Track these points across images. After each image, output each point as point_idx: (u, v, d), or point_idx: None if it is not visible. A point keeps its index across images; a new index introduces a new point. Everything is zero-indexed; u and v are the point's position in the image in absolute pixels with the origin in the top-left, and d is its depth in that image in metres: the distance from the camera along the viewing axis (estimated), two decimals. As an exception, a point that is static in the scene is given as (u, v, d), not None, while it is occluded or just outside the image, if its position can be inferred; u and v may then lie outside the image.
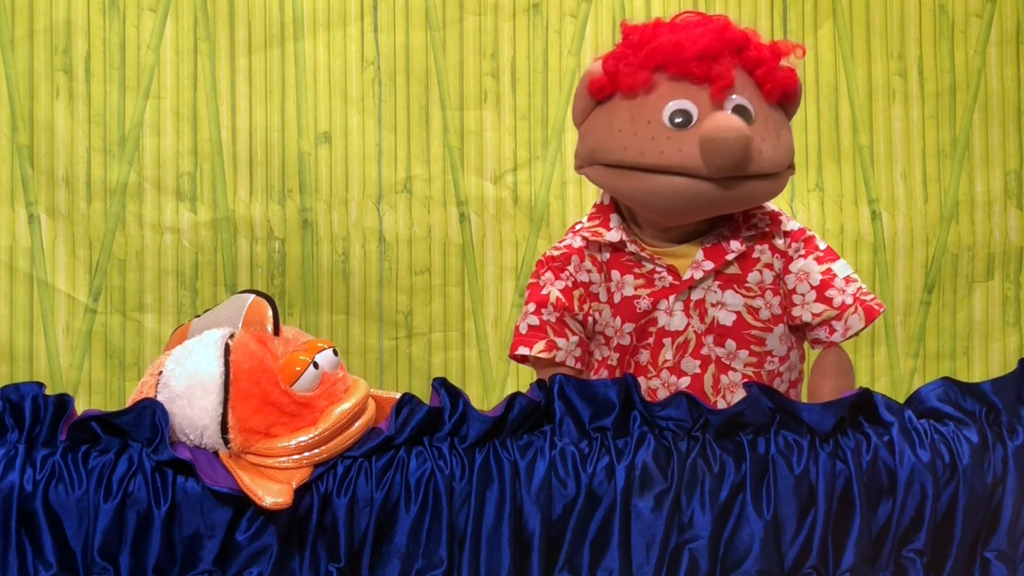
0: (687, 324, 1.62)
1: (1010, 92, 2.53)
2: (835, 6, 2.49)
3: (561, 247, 1.67)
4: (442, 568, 1.32)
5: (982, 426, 1.43)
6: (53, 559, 1.30)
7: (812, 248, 1.63)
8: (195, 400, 1.35)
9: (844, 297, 1.60)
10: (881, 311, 1.60)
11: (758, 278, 1.62)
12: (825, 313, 1.60)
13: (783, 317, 1.63)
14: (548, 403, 1.39)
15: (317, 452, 1.35)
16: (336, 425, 1.36)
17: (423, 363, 2.41)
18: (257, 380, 1.35)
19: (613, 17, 2.43)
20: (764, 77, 1.54)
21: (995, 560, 1.41)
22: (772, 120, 1.55)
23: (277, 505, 1.28)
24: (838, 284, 1.61)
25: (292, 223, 2.37)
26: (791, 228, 1.65)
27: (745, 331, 1.61)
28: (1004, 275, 2.54)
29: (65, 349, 2.32)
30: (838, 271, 1.62)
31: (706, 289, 1.61)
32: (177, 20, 2.35)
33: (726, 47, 1.54)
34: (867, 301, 1.60)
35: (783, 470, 1.37)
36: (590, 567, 1.35)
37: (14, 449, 1.32)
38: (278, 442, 1.34)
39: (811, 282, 1.61)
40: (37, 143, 2.32)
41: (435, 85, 2.41)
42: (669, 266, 1.62)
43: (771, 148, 1.53)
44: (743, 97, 1.53)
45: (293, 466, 1.34)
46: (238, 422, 1.34)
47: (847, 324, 1.60)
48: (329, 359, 1.41)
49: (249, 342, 1.38)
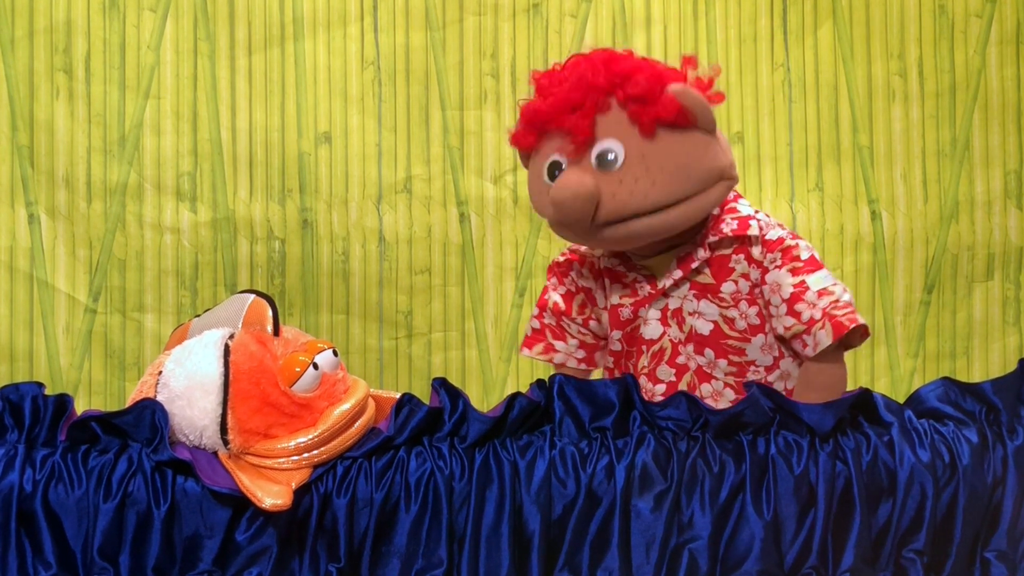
0: (663, 332, 1.63)
1: (1010, 92, 2.52)
2: (835, 6, 2.48)
3: (567, 253, 1.74)
4: (442, 568, 1.32)
5: (982, 426, 1.43)
6: (53, 559, 1.30)
7: (789, 259, 1.57)
8: (195, 400, 1.34)
9: (813, 311, 1.53)
10: (852, 326, 1.51)
11: (732, 288, 1.60)
12: (794, 327, 1.55)
13: (763, 327, 1.60)
14: (548, 403, 1.39)
15: (317, 453, 1.35)
16: (336, 426, 1.36)
17: (423, 363, 2.41)
18: (257, 381, 1.35)
19: (613, 17, 2.43)
20: (635, 115, 1.52)
21: (995, 560, 1.41)
22: (652, 155, 1.52)
23: (276, 507, 1.28)
24: (808, 298, 1.54)
25: (292, 223, 2.37)
26: (771, 237, 1.59)
27: (722, 341, 1.61)
28: (1004, 275, 2.53)
29: (65, 349, 2.32)
30: (812, 284, 1.55)
31: (682, 298, 1.62)
32: (177, 20, 2.35)
33: (587, 94, 1.53)
34: (838, 316, 1.52)
35: (783, 470, 1.37)
36: (590, 567, 1.35)
37: (14, 449, 1.32)
38: (277, 443, 1.34)
39: (782, 295, 1.56)
40: (37, 143, 2.32)
41: (435, 85, 2.41)
42: (649, 275, 1.64)
43: (647, 186, 1.51)
44: (616, 139, 1.52)
45: (292, 467, 1.34)
46: (237, 423, 1.34)
47: (816, 339, 1.53)
48: (329, 360, 1.41)
49: (249, 343, 1.38)
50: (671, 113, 1.51)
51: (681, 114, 1.52)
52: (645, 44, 2.42)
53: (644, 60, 1.59)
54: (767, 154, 2.46)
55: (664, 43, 2.43)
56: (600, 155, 1.53)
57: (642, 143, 1.52)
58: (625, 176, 1.52)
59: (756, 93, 2.46)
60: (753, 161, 2.45)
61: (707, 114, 1.54)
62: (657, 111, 1.51)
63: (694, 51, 2.43)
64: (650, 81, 1.52)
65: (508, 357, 2.42)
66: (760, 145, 2.46)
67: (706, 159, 1.55)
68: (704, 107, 1.53)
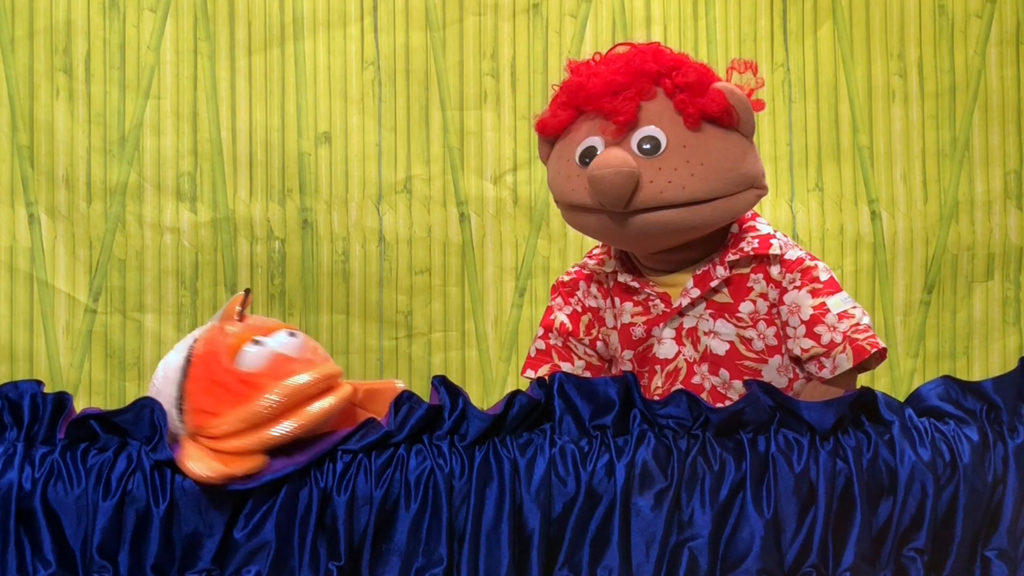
0: (677, 352, 1.62)
1: (1010, 92, 2.53)
2: (835, 6, 2.49)
3: (572, 272, 1.72)
4: (442, 566, 1.32)
5: (983, 425, 1.43)
6: (52, 557, 1.30)
7: (809, 280, 1.57)
8: (163, 390, 1.37)
9: (834, 335, 1.53)
10: (873, 351, 1.51)
11: (751, 308, 1.59)
12: (813, 350, 1.55)
13: (780, 348, 1.60)
14: (548, 401, 1.39)
15: (268, 436, 1.31)
16: (282, 400, 1.32)
17: (423, 363, 2.41)
18: (207, 361, 1.36)
19: (613, 17, 2.43)
20: (682, 104, 1.52)
21: (996, 559, 1.41)
22: (693, 147, 1.51)
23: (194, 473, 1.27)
24: (829, 320, 1.54)
25: (292, 223, 2.37)
26: (790, 257, 1.59)
27: (738, 361, 1.60)
28: (1004, 275, 2.53)
29: (65, 349, 2.32)
30: (832, 306, 1.54)
31: (698, 317, 1.60)
32: (177, 20, 2.35)
33: (634, 79, 1.53)
34: (859, 340, 1.52)
35: (783, 468, 1.37)
36: (590, 565, 1.34)
37: (13, 447, 1.32)
38: (220, 420, 1.33)
39: (802, 316, 1.55)
40: (37, 143, 2.32)
41: (435, 85, 2.41)
42: (662, 294, 1.62)
43: (685, 176, 1.50)
44: (657, 127, 1.52)
45: (242, 449, 1.31)
46: (190, 404, 1.35)
47: (835, 363, 1.53)
48: (284, 341, 1.39)
49: (212, 330, 1.40)
50: (717, 109, 1.51)
51: (727, 112, 1.52)
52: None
53: (694, 61, 1.59)
54: (767, 154, 2.46)
55: (664, 43, 2.43)
56: (642, 140, 1.52)
57: (685, 134, 1.52)
58: (665, 164, 1.51)
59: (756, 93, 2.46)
60: (753, 161, 2.46)
61: (750, 117, 1.55)
62: (704, 104, 1.51)
63: (694, 51, 2.43)
64: (700, 74, 1.53)
65: (508, 357, 2.42)
66: (760, 145, 2.46)
67: (743, 162, 1.55)
68: (748, 109, 1.54)
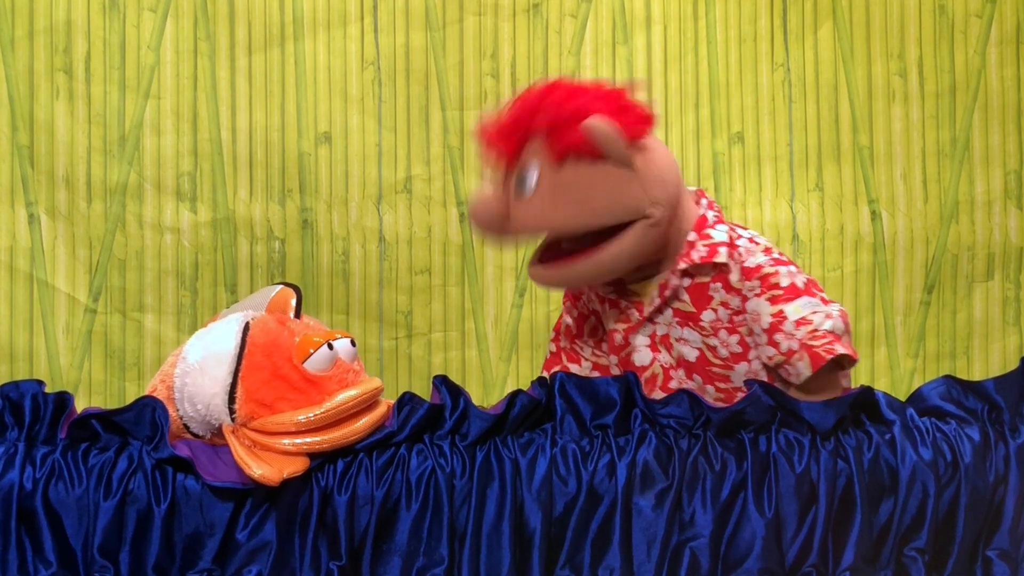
0: (652, 359, 1.65)
1: (1010, 92, 2.52)
2: (835, 6, 2.48)
3: None
4: (443, 566, 1.32)
5: (984, 424, 1.43)
6: (53, 557, 1.30)
7: (768, 287, 1.56)
8: (207, 369, 1.36)
9: (791, 342, 1.53)
10: (830, 357, 1.51)
11: (712, 316, 1.61)
12: (775, 358, 1.55)
13: (746, 355, 1.60)
14: (549, 401, 1.39)
15: (317, 440, 1.34)
16: (340, 408, 1.35)
17: (423, 363, 2.41)
18: (269, 353, 1.37)
19: (613, 17, 2.43)
20: (547, 143, 1.58)
21: (997, 559, 1.41)
22: (562, 184, 1.57)
23: (264, 478, 1.27)
24: (787, 328, 1.53)
25: (292, 223, 2.37)
26: (749, 264, 1.58)
27: (708, 367, 1.63)
28: (1004, 275, 2.53)
29: (65, 349, 2.32)
30: (790, 313, 1.54)
31: (668, 324, 1.64)
32: (177, 20, 2.35)
33: (520, 122, 1.61)
34: (815, 347, 1.51)
35: (784, 468, 1.37)
36: (591, 565, 1.34)
37: (14, 447, 1.32)
38: (280, 417, 1.34)
39: (762, 324, 1.56)
40: (37, 143, 2.32)
41: (435, 85, 2.41)
42: (637, 302, 1.66)
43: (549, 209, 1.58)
44: (532, 165, 1.59)
45: (291, 450, 1.33)
46: (246, 392, 1.35)
47: (796, 370, 1.53)
48: (346, 348, 1.43)
49: (268, 321, 1.41)
50: (574, 146, 1.56)
51: (587, 145, 1.56)
52: (645, 44, 2.42)
53: (588, 89, 1.62)
54: (767, 154, 2.46)
55: (664, 43, 2.43)
56: (517, 180, 1.61)
57: (551, 169, 1.58)
58: (533, 198, 1.59)
59: (756, 93, 2.46)
60: (753, 161, 2.45)
61: (616, 148, 1.56)
62: (564, 141, 1.57)
63: (694, 51, 2.43)
64: (565, 112, 1.57)
65: (508, 357, 2.42)
66: (760, 145, 2.46)
67: (613, 192, 1.57)
68: (613, 141, 1.55)
